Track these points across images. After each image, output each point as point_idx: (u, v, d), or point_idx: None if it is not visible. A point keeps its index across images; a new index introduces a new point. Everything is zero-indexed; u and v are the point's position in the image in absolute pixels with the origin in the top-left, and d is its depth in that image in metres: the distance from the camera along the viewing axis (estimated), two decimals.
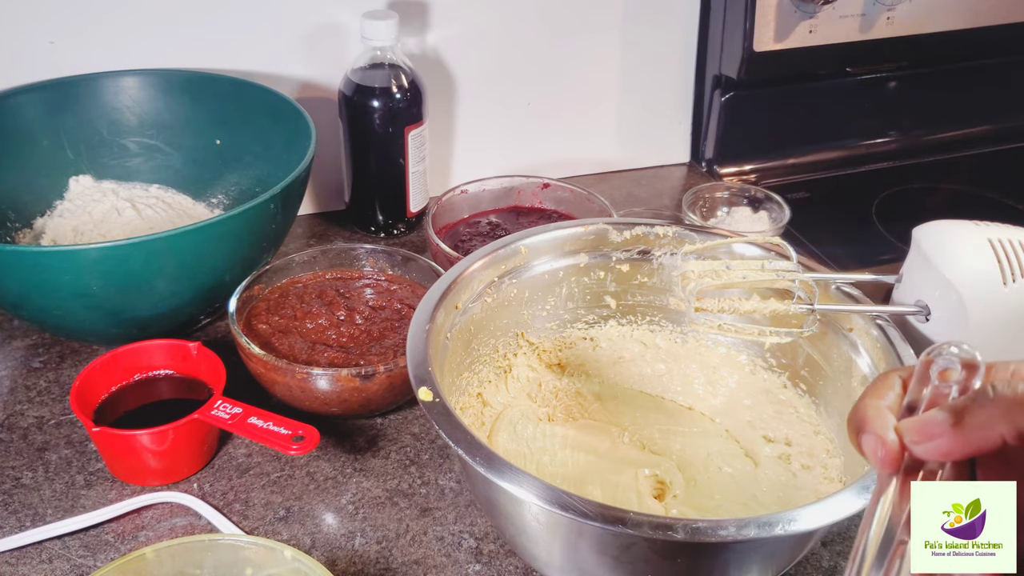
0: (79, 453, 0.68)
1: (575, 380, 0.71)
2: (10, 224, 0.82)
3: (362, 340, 0.72)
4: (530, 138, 1.04)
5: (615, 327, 0.73)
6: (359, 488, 0.67)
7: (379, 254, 0.79)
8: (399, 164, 0.90)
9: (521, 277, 0.69)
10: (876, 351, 0.60)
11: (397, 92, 0.87)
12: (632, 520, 0.46)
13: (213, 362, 0.69)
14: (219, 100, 0.87)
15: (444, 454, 0.70)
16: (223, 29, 0.89)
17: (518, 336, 0.71)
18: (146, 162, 0.89)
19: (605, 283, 0.72)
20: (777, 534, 0.46)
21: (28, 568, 0.60)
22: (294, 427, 0.63)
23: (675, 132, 1.10)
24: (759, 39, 0.96)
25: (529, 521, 0.53)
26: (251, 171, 0.87)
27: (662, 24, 1.03)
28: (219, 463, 0.68)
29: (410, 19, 0.93)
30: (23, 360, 0.77)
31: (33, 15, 0.84)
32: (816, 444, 0.64)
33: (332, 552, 0.62)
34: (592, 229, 0.70)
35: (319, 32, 0.91)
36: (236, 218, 0.69)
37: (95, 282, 0.67)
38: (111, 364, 0.69)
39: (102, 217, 0.84)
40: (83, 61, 0.85)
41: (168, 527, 0.63)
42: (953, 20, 1.03)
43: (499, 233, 0.88)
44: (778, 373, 0.69)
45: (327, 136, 0.89)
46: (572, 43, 1.01)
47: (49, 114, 0.84)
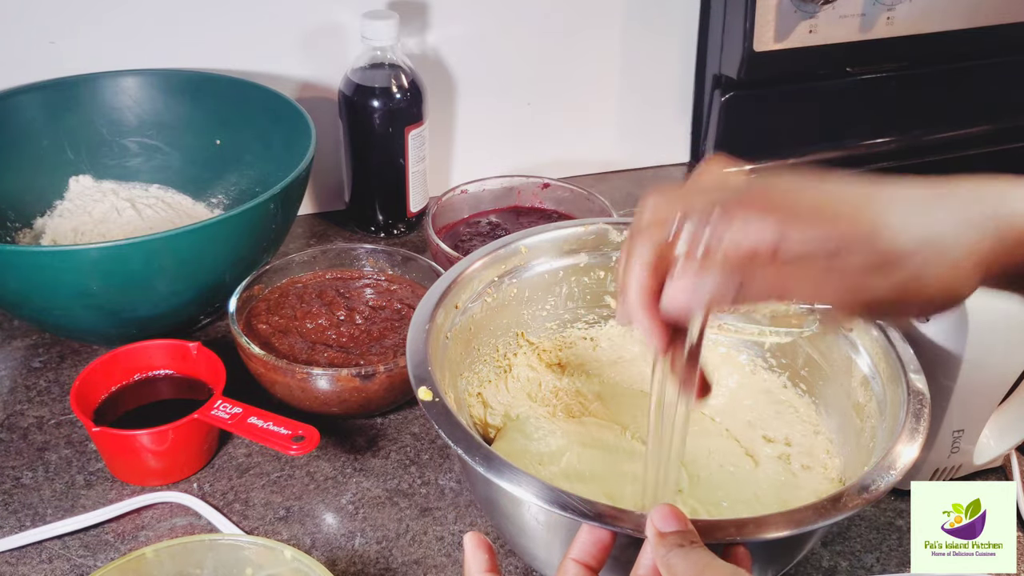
0: (79, 453, 0.68)
1: (575, 380, 0.71)
2: (10, 224, 0.82)
3: (362, 340, 0.72)
4: (530, 138, 1.04)
5: (615, 327, 0.73)
6: (359, 488, 0.67)
7: (379, 254, 0.79)
8: (399, 164, 0.90)
9: (521, 277, 0.69)
10: (876, 351, 0.60)
11: (397, 92, 0.87)
12: (631, 520, 0.46)
13: (213, 362, 0.69)
14: (219, 100, 0.87)
15: (444, 454, 0.70)
16: (223, 29, 0.89)
17: (518, 336, 0.71)
18: (146, 162, 0.88)
19: (605, 283, 0.72)
20: (777, 534, 0.46)
21: (28, 568, 0.60)
22: (294, 427, 0.63)
23: (675, 132, 1.10)
24: (759, 39, 0.96)
25: (529, 521, 0.53)
26: (251, 171, 0.87)
27: (662, 24, 1.03)
28: (219, 463, 0.68)
29: (410, 19, 0.92)
30: (23, 360, 0.77)
31: (33, 15, 0.84)
32: (816, 444, 0.64)
33: (332, 552, 0.62)
34: (592, 229, 0.70)
35: (319, 32, 0.91)
36: (236, 218, 0.69)
37: (95, 282, 0.67)
38: (111, 364, 0.69)
39: (102, 217, 0.84)
40: (83, 61, 0.85)
41: (168, 527, 0.63)
42: (953, 20, 1.03)
43: (499, 233, 0.87)
44: (778, 373, 0.69)
45: (327, 136, 0.89)
46: (572, 43, 1.00)
47: (49, 114, 0.84)
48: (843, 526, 0.65)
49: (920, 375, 0.56)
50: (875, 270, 0.39)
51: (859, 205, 0.40)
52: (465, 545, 0.47)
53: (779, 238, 0.39)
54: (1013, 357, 0.61)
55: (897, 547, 0.64)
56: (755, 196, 0.41)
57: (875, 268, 0.39)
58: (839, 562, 0.62)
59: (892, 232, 0.39)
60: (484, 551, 0.47)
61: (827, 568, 0.62)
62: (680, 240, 0.42)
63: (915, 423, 0.52)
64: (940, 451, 0.64)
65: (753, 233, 0.40)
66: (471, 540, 0.47)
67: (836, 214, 0.40)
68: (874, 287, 0.39)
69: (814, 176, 0.42)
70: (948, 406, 0.61)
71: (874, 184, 0.41)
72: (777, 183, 0.42)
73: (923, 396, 0.55)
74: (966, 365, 0.59)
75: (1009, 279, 0.41)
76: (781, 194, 0.41)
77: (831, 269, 0.39)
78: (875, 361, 0.60)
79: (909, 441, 0.51)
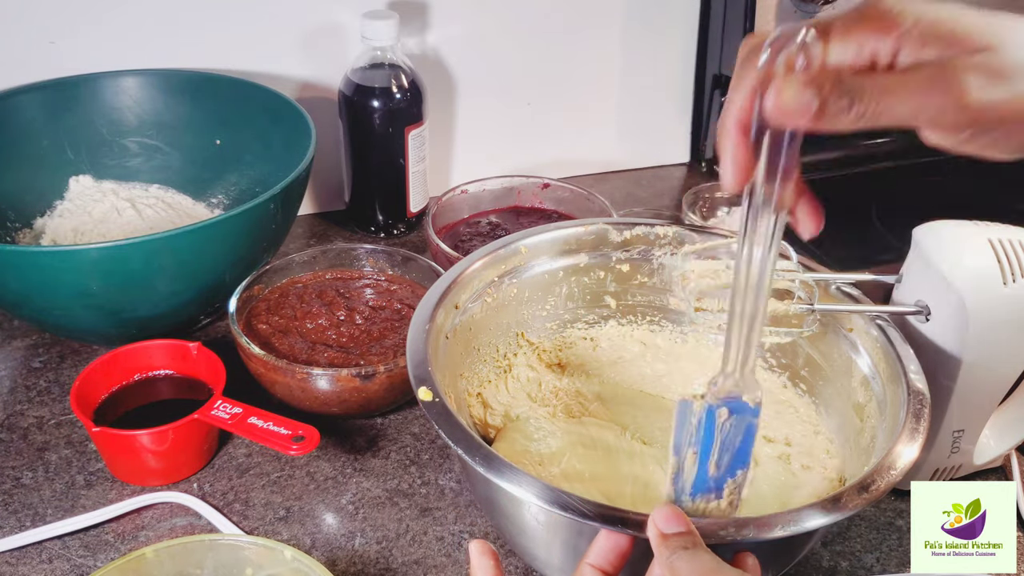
0: (79, 453, 0.68)
1: (575, 380, 0.71)
2: (10, 224, 0.82)
3: (362, 340, 0.72)
4: (530, 138, 1.04)
5: (615, 327, 0.73)
6: (359, 488, 0.67)
7: (379, 254, 0.79)
8: (399, 164, 0.90)
9: (521, 277, 0.69)
10: (876, 351, 0.60)
11: (397, 92, 0.87)
12: (632, 520, 0.46)
13: (213, 362, 0.69)
14: (219, 100, 0.87)
15: (444, 454, 0.70)
16: (223, 29, 0.89)
17: (518, 336, 0.71)
18: (146, 162, 0.89)
19: (605, 283, 0.72)
20: (777, 534, 0.46)
21: (28, 568, 0.60)
22: (294, 427, 0.63)
23: (675, 132, 1.10)
24: None
25: (529, 521, 0.53)
26: (251, 171, 0.87)
27: (662, 24, 1.03)
28: (219, 463, 0.68)
29: (410, 19, 0.92)
30: (23, 360, 0.77)
31: (33, 15, 0.84)
32: (816, 444, 0.64)
33: (332, 552, 0.62)
34: (592, 229, 0.70)
35: (319, 32, 0.91)
36: (236, 218, 0.69)
37: (95, 282, 0.67)
38: (111, 364, 0.69)
39: (102, 217, 0.84)
40: (83, 61, 0.85)
41: (168, 527, 0.63)
42: None
43: (499, 233, 0.88)
44: (778, 373, 0.69)
45: (327, 136, 0.89)
46: (572, 43, 1.00)
47: (49, 114, 0.84)
48: (843, 526, 0.65)
49: (920, 375, 0.56)
50: (990, 79, 0.37)
51: (979, 24, 0.39)
52: (471, 552, 0.47)
53: (891, 51, 0.38)
54: (1013, 357, 0.61)
55: (897, 547, 0.64)
56: (866, 11, 0.40)
57: (991, 77, 0.37)
58: (839, 562, 0.62)
59: (1014, 47, 0.38)
60: (489, 558, 0.47)
61: (827, 568, 0.62)
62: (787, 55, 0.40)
63: (915, 423, 0.52)
64: (940, 451, 0.64)
65: (861, 48, 0.39)
66: (477, 547, 0.47)
67: (952, 31, 0.38)
68: (986, 97, 0.37)
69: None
70: (948, 406, 0.61)
71: (993, 13, 0.39)
72: (890, 1, 0.40)
73: (923, 396, 0.55)
74: (966, 365, 0.59)
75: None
76: (896, 10, 0.39)
77: (941, 78, 0.37)
78: (875, 361, 0.60)
79: (909, 441, 0.51)
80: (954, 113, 0.38)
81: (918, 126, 0.39)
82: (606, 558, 0.46)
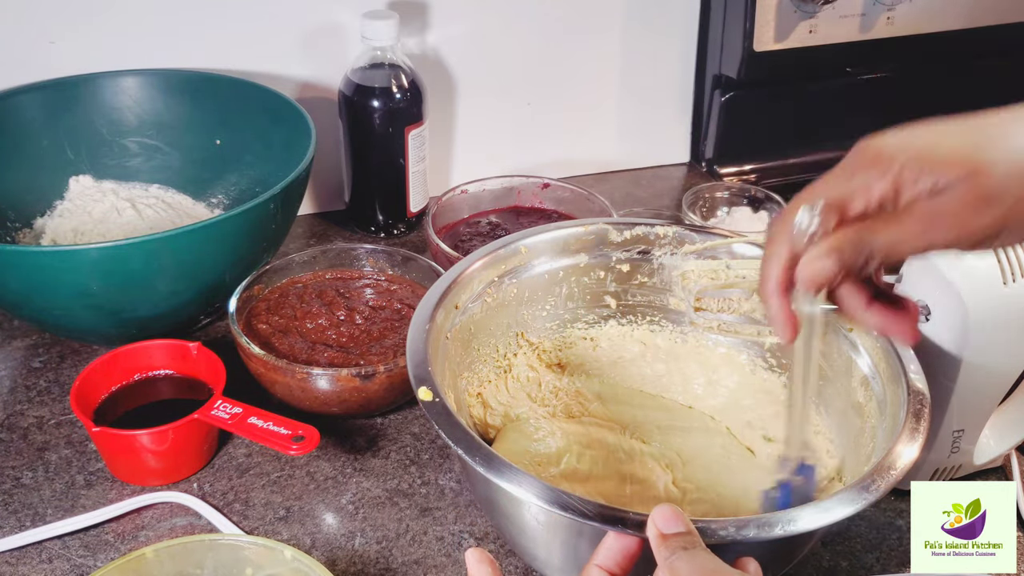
0: (79, 453, 0.68)
1: (575, 380, 0.71)
2: (10, 224, 0.82)
3: (362, 340, 0.72)
4: (530, 138, 1.04)
5: (615, 327, 0.73)
6: (359, 488, 0.67)
7: (379, 254, 0.79)
8: (399, 164, 0.90)
9: (521, 277, 0.69)
10: (876, 351, 0.60)
11: (397, 92, 0.87)
12: (631, 520, 0.46)
13: (213, 362, 0.69)
14: (219, 100, 0.87)
15: (444, 454, 0.70)
16: (223, 29, 0.89)
17: (518, 336, 0.71)
18: (146, 162, 0.88)
19: (605, 283, 0.72)
20: (777, 534, 0.46)
21: (28, 568, 0.60)
22: (294, 427, 0.63)
23: (675, 132, 1.10)
24: (759, 39, 0.96)
25: (529, 521, 0.53)
26: (251, 171, 0.87)
27: (662, 24, 1.03)
28: (219, 463, 0.68)
29: (410, 19, 0.92)
30: (23, 360, 0.77)
31: (33, 15, 0.84)
32: (816, 444, 0.64)
33: (332, 552, 0.62)
34: (592, 229, 0.70)
35: (319, 32, 0.91)
36: (236, 218, 0.69)
37: (95, 282, 0.67)
38: (111, 364, 0.69)
39: (102, 217, 0.84)
40: (83, 61, 0.85)
41: (168, 527, 0.63)
42: (953, 20, 1.03)
43: (499, 233, 0.88)
44: (778, 373, 0.69)
45: (327, 136, 0.89)
46: (572, 43, 1.00)
47: (49, 114, 0.84)
48: (843, 526, 0.65)
49: (920, 375, 0.56)
50: (980, 207, 0.41)
51: (964, 147, 0.42)
52: (468, 561, 0.47)
53: (892, 190, 0.42)
54: (1013, 357, 0.61)
55: (897, 547, 0.64)
56: (862, 155, 0.44)
57: (980, 203, 0.41)
58: (839, 562, 0.62)
59: (996, 167, 0.41)
60: (487, 564, 0.47)
61: (827, 568, 0.62)
62: (801, 226, 0.45)
63: (915, 423, 0.52)
64: (940, 451, 0.64)
65: (868, 195, 0.43)
66: (474, 555, 0.47)
67: (943, 161, 0.42)
68: (981, 223, 0.41)
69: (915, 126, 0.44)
70: (948, 406, 0.61)
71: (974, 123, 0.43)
72: (880, 141, 0.44)
73: (923, 396, 0.54)
74: (966, 365, 0.59)
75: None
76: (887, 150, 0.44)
77: (939, 218, 0.41)
78: (875, 361, 0.60)
79: (909, 441, 0.51)
80: (959, 241, 0.42)
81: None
82: (614, 560, 0.46)
